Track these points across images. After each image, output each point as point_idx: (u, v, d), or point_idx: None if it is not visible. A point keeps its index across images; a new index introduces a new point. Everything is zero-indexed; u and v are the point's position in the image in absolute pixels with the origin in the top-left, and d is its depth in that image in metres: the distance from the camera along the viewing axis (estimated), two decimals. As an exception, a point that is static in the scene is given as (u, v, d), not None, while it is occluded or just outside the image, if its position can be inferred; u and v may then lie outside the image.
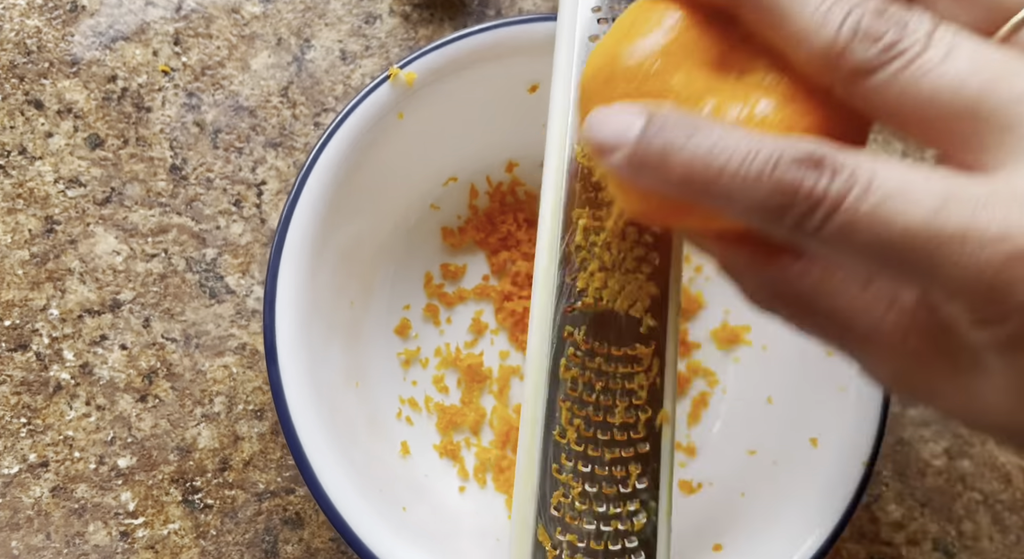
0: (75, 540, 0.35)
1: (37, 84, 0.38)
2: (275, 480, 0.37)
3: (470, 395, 0.38)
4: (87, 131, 0.38)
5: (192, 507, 0.36)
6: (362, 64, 0.40)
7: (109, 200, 0.38)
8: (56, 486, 0.35)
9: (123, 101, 0.38)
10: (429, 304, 0.39)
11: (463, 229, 0.40)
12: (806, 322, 0.22)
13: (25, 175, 0.37)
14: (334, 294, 0.34)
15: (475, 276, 0.40)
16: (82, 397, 0.36)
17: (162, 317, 0.37)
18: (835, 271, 0.21)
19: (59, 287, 0.37)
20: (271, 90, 0.39)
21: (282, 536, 0.36)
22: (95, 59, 0.39)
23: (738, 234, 0.22)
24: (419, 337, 0.39)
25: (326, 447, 0.31)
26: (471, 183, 0.39)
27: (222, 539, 0.36)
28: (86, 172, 0.38)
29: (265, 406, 0.37)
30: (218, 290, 0.38)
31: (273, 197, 0.39)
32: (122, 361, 0.37)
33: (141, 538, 0.36)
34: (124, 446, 0.36)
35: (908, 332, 0.20)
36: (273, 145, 0.39)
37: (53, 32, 0.38)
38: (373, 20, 0.41)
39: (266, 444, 0.37)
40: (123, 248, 0.37)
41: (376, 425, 0.36)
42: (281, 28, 0.40)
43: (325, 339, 0.33)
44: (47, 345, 0.36)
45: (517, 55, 0.34)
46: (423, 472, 0.37)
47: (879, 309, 0.20)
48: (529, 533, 0.28)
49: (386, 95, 0.33)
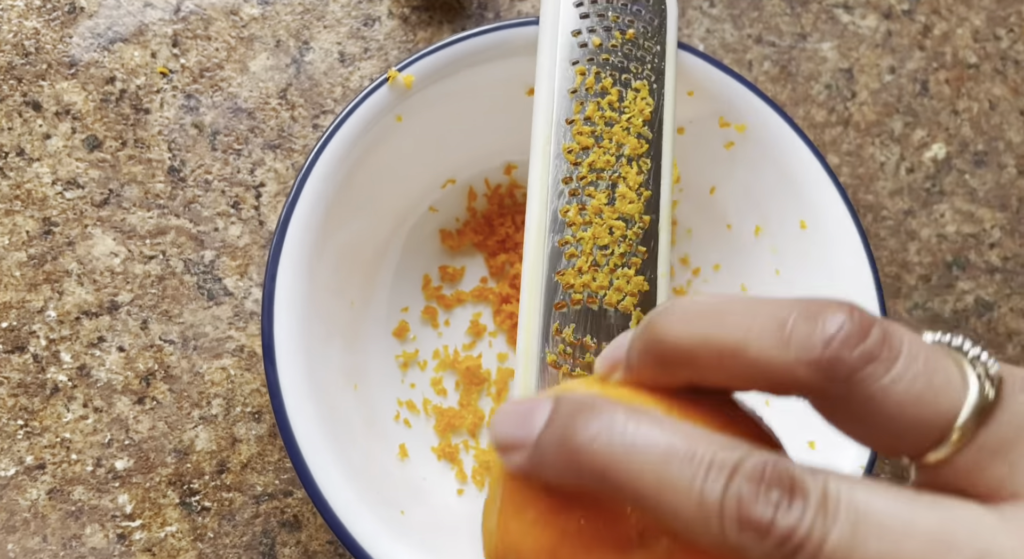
0: (72, 542, 0.35)
1: (35, 85, 0.38)
2: (273, 482, 0.37)
3: (468, 397, 0.38)
4: (85, 133, 0.38)
5: (189, 509, 0.36)
6: (361, 66, 0.40)
7: (107, 202, 0.38)
8: (53, 488, 0.35)
9: (121, 103, 0.38)
10: (427, 306, 0.39)
11: (461, 232, 0.40)
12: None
13: (23, 177, 0.37)
14: (333, 296, 0.34)
15: (473, 278, 0.40)
16: (79, 399, 0.36)
17: (160, 319, 0.37)
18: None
19: (57, 289, 0.37)
20: (270, 92, 0.39)
21: (280, 539, 0.36)
22: (93, 61, 0.38)
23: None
24: (417, 339, 0.38)
25: (324, 449, 0.31)
26: (469, 186, 0.39)
27: (219, 542, 0.36)
28: (84, 174, 0.38)
29: (263, 408, 0.37)
30: (216, 292, 0.38)
31: (271, 199, 0.39)
32: (120, 363, 0.37)
33: (138, 541, 0.35)
34: (121, 448, 0.36)
35: None
36: (272, 147, 0.39)
37: (51, 33, 0.38)
38: (372, 22, 0.41)
39: (264, 446, 0.37)
40: (121, 250, 0.37)
41: (374, 427, 0.36)
42: (280, 30, 0.40)
43: (323, 341, 0.33)
44: (44, 347, 0.36)
45: (515, 58, 0.34)
46: (421, 475, 0.37)
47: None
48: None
49: (384, 98, 0.33)
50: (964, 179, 0.44)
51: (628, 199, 0.32)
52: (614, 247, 0.31)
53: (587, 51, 0.33)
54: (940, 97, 0.45)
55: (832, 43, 0.44)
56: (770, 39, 0.44)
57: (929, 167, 0.44)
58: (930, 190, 0.44)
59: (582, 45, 0.33)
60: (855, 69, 0.44)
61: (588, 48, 0.33)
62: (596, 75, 0.32)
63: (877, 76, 0.44)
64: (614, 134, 0.32)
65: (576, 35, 0.33)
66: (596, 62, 0.33)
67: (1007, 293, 0.44)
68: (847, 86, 0.44)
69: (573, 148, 0.32)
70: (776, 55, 0.44)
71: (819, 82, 0.44)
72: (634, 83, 0.33)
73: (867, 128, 0.44)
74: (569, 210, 0.31)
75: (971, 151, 0.44)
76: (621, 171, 0.32)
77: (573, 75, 0.32)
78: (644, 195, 0.32)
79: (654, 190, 0.32)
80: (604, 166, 0.32)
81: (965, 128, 0.45)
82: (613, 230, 0.31)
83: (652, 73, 0.33)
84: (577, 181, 0.32)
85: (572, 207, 0.31)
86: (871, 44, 0.44)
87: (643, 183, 0.32)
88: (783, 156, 0.36)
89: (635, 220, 0.32)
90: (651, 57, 0.33)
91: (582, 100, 0.32)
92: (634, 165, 0.32)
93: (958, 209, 0.44)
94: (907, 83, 0.44)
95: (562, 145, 0.32)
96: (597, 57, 0.33)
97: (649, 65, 0.33)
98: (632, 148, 0.32)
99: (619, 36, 0.33)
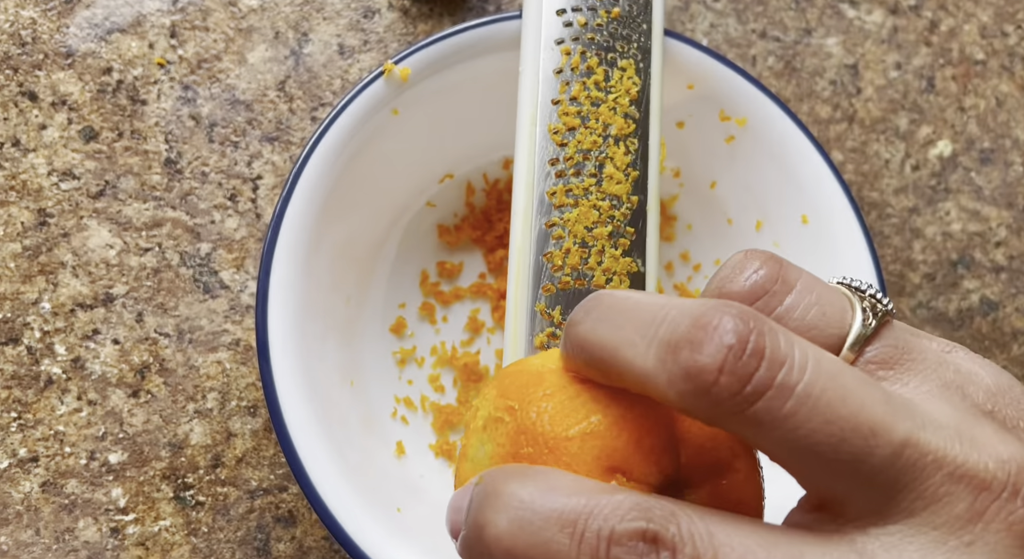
0: (65, 536, 0.35)
1: (31, 76, 0.38)
2: (268, 477, 0.36)
3: (466, 394, 0.38)
4: (81, 123, 0.38)
5: (184, 504, 0.36)
6: (360, 59, 0.40)
7: (103, 193, 0.37)
8: (46, 481, 0.35)
9: (118, 94, 0.38)
10: (425, 302, 0.38)
11: (459, 227, 0.39)
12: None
13: (18, 167, 0.37)
14: (329, 291, 0.34)
15: (471, 274, 0.39)
16: (73, 392, 0.36)
17: (155, 312, 0.37)
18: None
19: (51, 281, 0.36)
20: (268, 84, 0.39)
21: (274, 534, 0.36)
22: (90, 51, 0.38)
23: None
24: (415, 336, 0.38)
25: (319, 446, 0.30)
26: (468, 181, 0.39)
27: (214, 536, 0.36)
28: (80, 165, 0.37)
29: (258, 403, 0.37)
30: (212, 285, 0.37)
31: (269, 192, 0.38)
32: (114, 356, 0.36)
33: (132, 535, 0.35)
34: (115, 442, 0.36)
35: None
36: (269, 139, 0.39)
37: (48, 23, 0.38)
38: (372, 14, 0.40)
39: (259, 441, 0.37)
40: (116, 242, 0.37)
41: (371, 424, 0.36)
42: (279, 22, 0.40)
43: (320, 337, 0.33)
44: (38, 339, 0.36)
45: (514, 50, 0.33)
46: (419, 472, 0.36)
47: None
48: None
49: (381, 91, 0.33)
50: (970, 177, 0.44)
51: (615, 179, 0.31)
52: (601, 228, 0.31)
53: (572, 30, 0.32)
54: (946, 94, 0.44)
55: (837, 38, 0.44)
56: (774, 34, 0.43)
57: (935, 164, 0.44)
58: (935, 188, 0.43)
59: (567, 24, 0.32)
60: (860, 65, 0.44)
61: (573, 27, 0.32)
62: (582, 54, 0.32)
63: (883, 72, 0.44)
64: (600, 114, 0.32)
65: (561, 14, 0.32)
66: (581, 41, 0.32)
67: (1012, 292, 0.43)
68: (852, 82, 0.43)
69: (559, 129, 0.31)
70: (780, 50, 0.43)
71: (824, 78, 0.43)
72: (620, 62, 0.32)
73: (872, 125, 0.43)
74: (556, 191, 0.31)
75: (977, 148, 0.44)
76: (608, 151, 0.32)
77: (558, 55, 0.32)
78: (632, 175, 0.32)
79: (642, 170, 0.32)
80: (591, 146, 0.31)
81: (971, 125, 0.44)
82: (600, 211, 0.31)
83: (638, 52, 0.33)
84: (564, 162, 0.31)
85: (559, 188, 0.31)
86: (877, 40, 0.44)
87: (630, 163, 0.32)
88: (784, 150, 0.35)
89: (623, 200, 0.31)
90: (637, 36, 0.33)
91: (567, 80, 0.32)
92: (621, 145, 0.32)
93: (964, 207, 0.43)
94: (913, 79, 0.44)
95: (548, 125, 0.31)
96: (582, 36, 0.32)
97: (635, 44, 0.33)
98: (619, 128, 0.32)
99: (604, 15, 0.33)
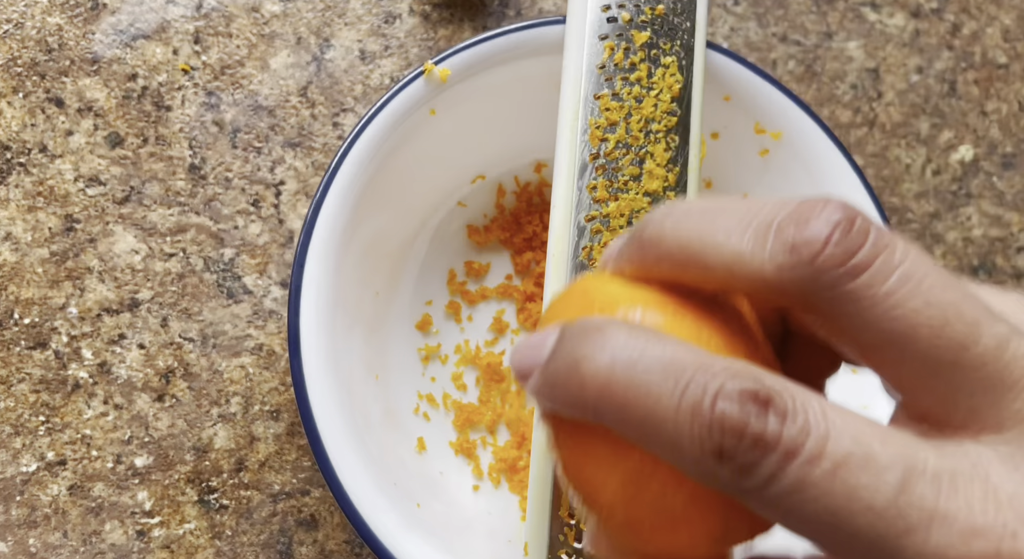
0: (92, 539, 0.35)
1: (58, 82, 0.38)
2: (290, 481, 0.37)
3: (488, 394, 0.38)
4: (107, 129, 0.38)
5: (208, 507, 0.36)
6: (381, 64, 0.40)
7: (128, 199, 0.38)
8: (73, 485, 0.36)
9: (143, 100, 0.38)
10: (451, 301, 0.39)
11: (488, 228, 0.39)
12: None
13: (45, 173, 0.37)
14: (359, 285, 0.34)
15: (498, 275, 0.39)
16: (100, 396, 0.36)
17: (180, 317, 0.37)
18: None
19: (78, 286, 0.37)
20: (290, 90, 0.39)
21: (297, 537, 0.36)
22: (116, 57, 0.38)
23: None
24: (440, 333, 0.38)
25: (343, 437, 0.31)
26: (499, 182, 0.39)
27: (237, 540, 0.36)
28: (106, 171, 0.38)
29: (281, 407, 0.37)
30: (235, 290, 0.38)
31: (291, 197, 0.39)
32: (140, 360, 0.37)
33: (157, 537, 0.36)
34: (141, 445, 0.36)
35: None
36: (292, 145, 0.39)
37: (74, 30, 0.38)
38: (393, 20, 0.40)
39: (282, 445, 0.37)
40: (142, 247, 0.37)
41: (393, 419, 0.36)
42: (301, 27, 0.40)
43: (347, 329, 0.33)
44: (66, 343, 0.36)
45: (552, 55, 0.34)
46: (438, 469, 0.36)
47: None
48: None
49: (419, 90, 0.33)
50: (992, 182, 0.43)
51: (656, 176, 0.32)
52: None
53: (616, 26, 0.32)
54: (968, 98, 0.44)
55: (858, 42, 0.44)
56: (795, 38, 0.43)
57: (956, 169, 0.43)
58: (956, 193, 0.43)
59: (611, 20, 0.32)
60: (881, 69, 0.44)
61: (617, 23, 0.32)
62: (625, 50, 0.32)
63: (904, 76, 0.44)
64: (642, 110, 0.32)
65: (605, 10, 0.33)
66: (625, 37, 0.32)
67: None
68: (873, 86, 0.43)
69: (601, 124, 0.32)
70: (801, 54, 0.43)
71: (845, 82, 0.43)
72: (663, 59, 0.33)
73: (893, 129, 0.43)
74: (596, 186, 0.31)
75: (999, 153, 0.44)
76: (649, 148, 0.32)
77: (602, 50, 0.32)
78: (673, 172, 0.32)
79: (682, 167, 0.32)
80: (632, 142, 0.32)
81: (993, 130, 0.44)
82: (640, 206, 0.31)
83: (682, 50, 0.33)
84: (604, 157, 0.31)
85: (599, 183, 0.31)
86: (898, 43, 0.44)
87: (671, 160, 0.32)
88: (819, 166, 0.35)
89: (662, 197, 0.32)
90: (681, 33, 0.33)
91: (610, 75, 0.32)
92: (662, 141, 0.32)
93: (985, 212, 0.43)
94: (935, 83, 0.44)
95: (589, 120, 0.32)
96: (626, 32, 0.32)
97: (679, 41, 0.33)
98: (661, 124, 0.32)
99: (649, 11, 0.33)
